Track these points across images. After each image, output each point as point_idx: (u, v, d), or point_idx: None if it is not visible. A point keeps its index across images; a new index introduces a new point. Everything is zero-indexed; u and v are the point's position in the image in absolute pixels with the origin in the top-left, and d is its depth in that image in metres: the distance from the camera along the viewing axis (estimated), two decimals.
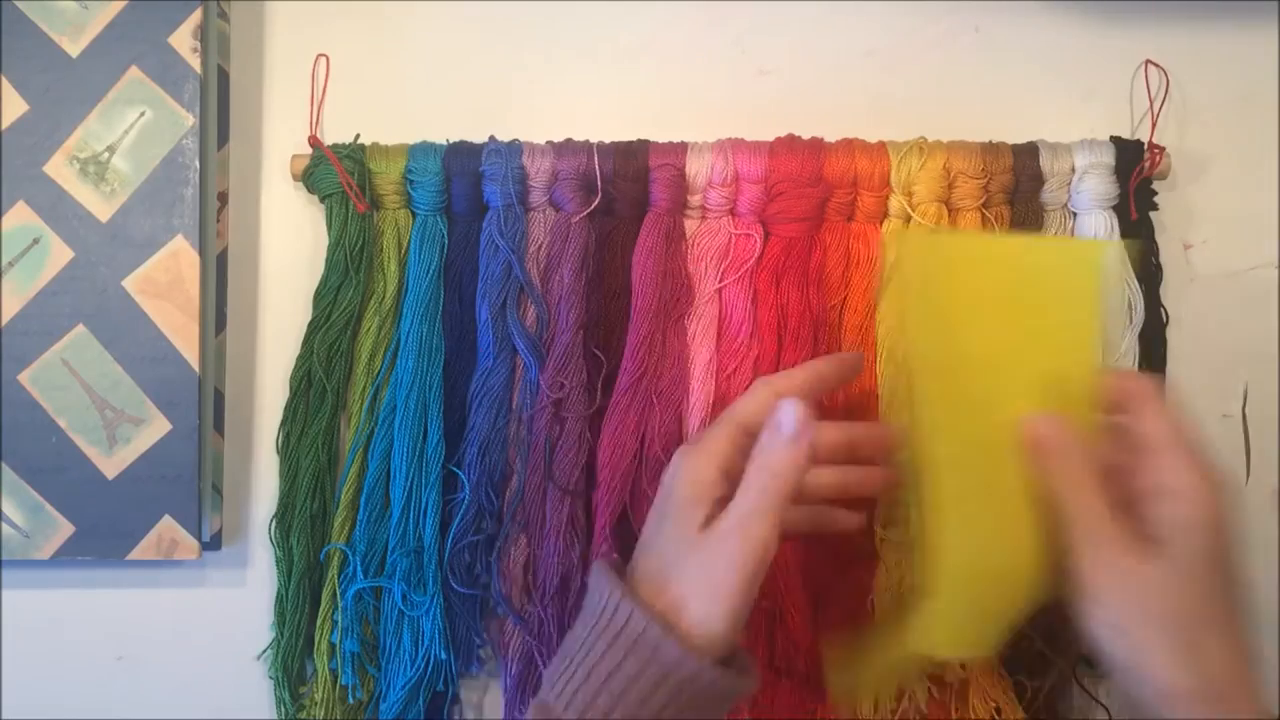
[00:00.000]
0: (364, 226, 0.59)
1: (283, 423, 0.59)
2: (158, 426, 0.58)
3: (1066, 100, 0.63)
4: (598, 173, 0.59)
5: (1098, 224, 0.60)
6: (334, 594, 0.58)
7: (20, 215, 0.58)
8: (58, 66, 0.57)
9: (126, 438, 0.58)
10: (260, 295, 0.62)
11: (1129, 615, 0.45)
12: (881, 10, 0.63)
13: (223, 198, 0.62)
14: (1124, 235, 0.60)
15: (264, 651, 0.61)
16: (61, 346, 0.58)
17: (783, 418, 0.49)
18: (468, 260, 0.60)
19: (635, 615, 0.46)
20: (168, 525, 0.58)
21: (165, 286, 0.58)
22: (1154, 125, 0.61)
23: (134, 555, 0.58)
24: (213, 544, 0.60)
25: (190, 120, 0.58)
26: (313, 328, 0.59)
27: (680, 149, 0.59)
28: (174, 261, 0.58)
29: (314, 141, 0.60)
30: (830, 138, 0.61)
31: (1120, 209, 0.60)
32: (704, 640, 0.46)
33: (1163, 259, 0.61)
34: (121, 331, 0.58)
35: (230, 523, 0.62)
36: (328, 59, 0.62)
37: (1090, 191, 0.59)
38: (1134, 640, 0.44)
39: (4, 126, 0.57)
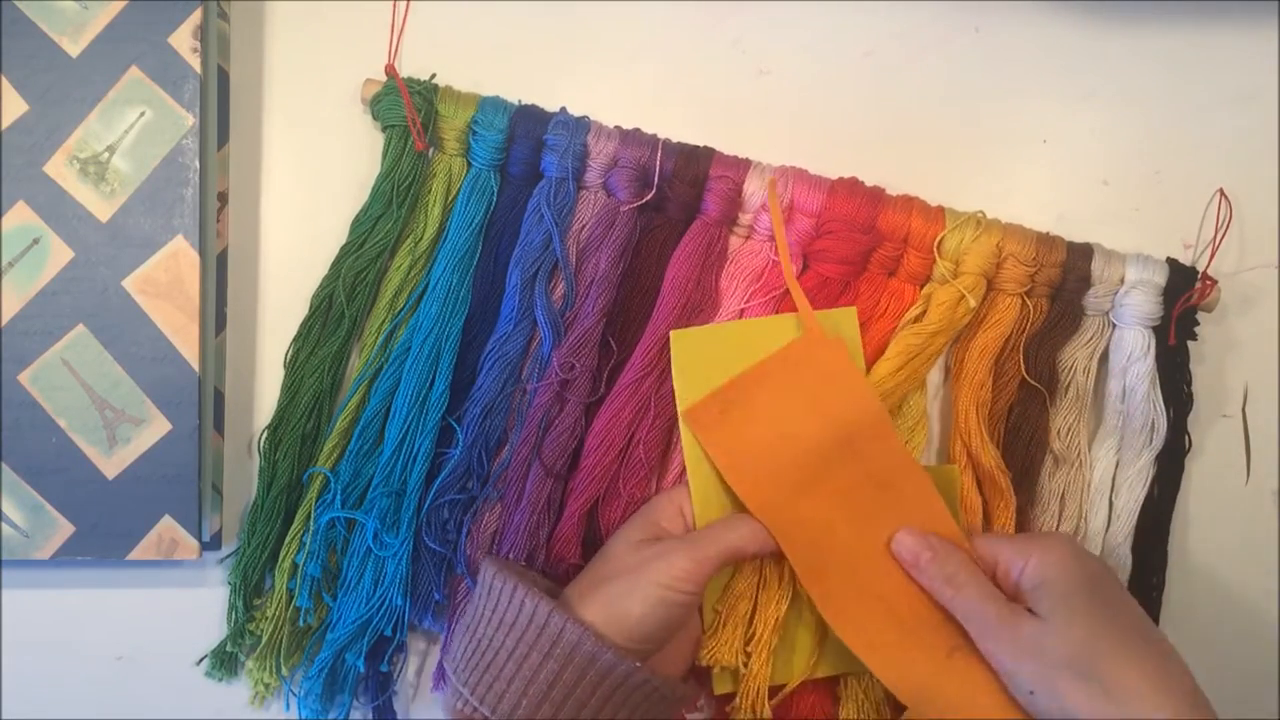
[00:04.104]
0: (417, 164, 0.60)
1: (295, 338, 0.60)
2: (158, 426, 0.58)
3: (1066, 101, 0.63)
4: (657, 169, 0.59)
5: (1135, 341, 0.59)
6: (308, 516, 0.59)
7: (20, 215, 0.58)
8: (58, 66, 0.57)
9: (126, 438, 0.58)
10: (260, 295, 0.62)
11: (1035, 676, 0.49)
12: (881, 10, 0.63)
13: (223, 198, 0.62)
14: (1159, 359, 0.59)
15: (227, 556, 0.61)
16: (61, 346, 0.58)
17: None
18: (510, 223, 0.60)
19: (569, 627, 0.49)
20: (168, 525, 0.58)
21: (165, 286, 0.58)
22: (1213, 255, 0.61)
23: (134, 555, 0.58)
24: (213, 544, 0.60)
25: (190, 120, 0.58)
26: (344, 252, 0.60)
27: (743, 165, 0.59)
28: (174, 261, 0.58)
29: (390, 70, 0.60)
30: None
31: (1160, 331, 0.59)
32: (625, 642, 0.50)
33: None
34: (121, 331, 0.58)
35: (230, 523, 0.62)
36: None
37: (1134, 307, 0.59)
38: (1050, 695, 0.48)
39: (4, 126, 0.57)
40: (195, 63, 0.58)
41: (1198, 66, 0.63)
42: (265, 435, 0.60)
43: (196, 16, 0.58)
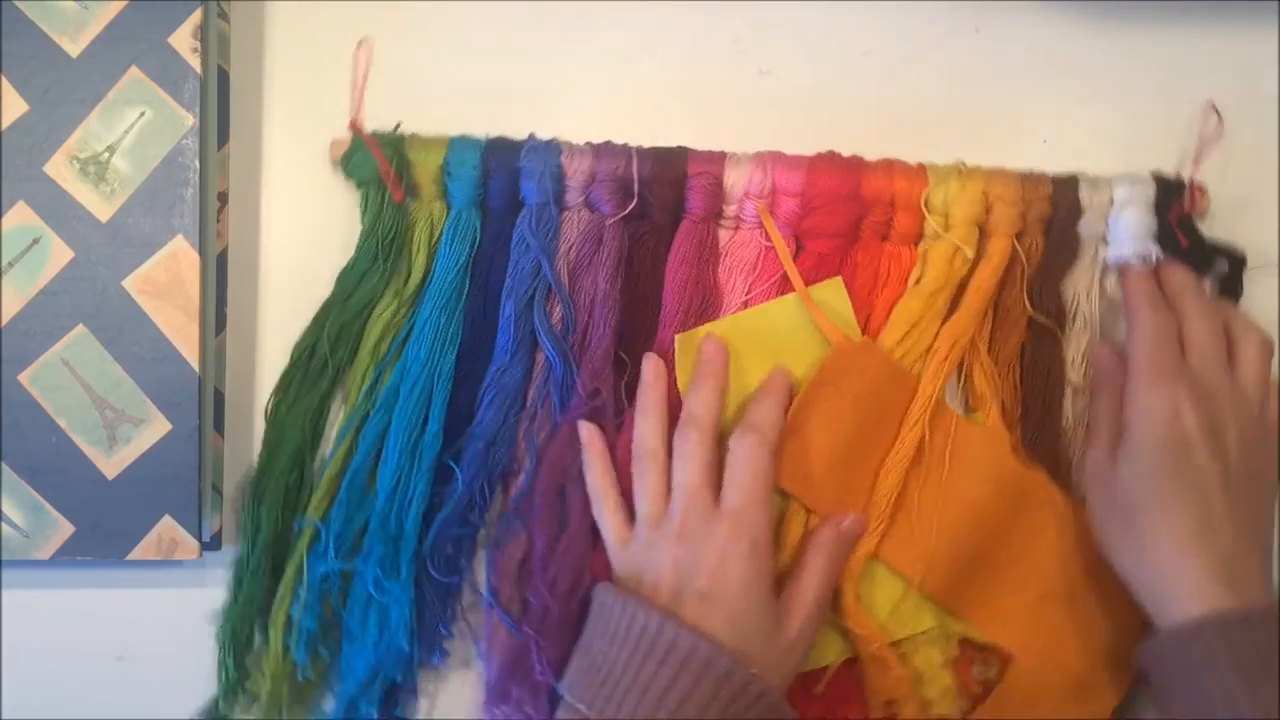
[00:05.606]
0: (398, 216, 0.59)
1: (275, 390, 0.59)
2: (158, 426, 0.58)
3: (1068, 100, 0.63)
4: (635, 177, 0.59)
5: (1134, 255, 0.59)
6: (300, 568, 0.58)
7: (20, 215, 0.58)
8: (58, 66, 0.57)
9: (126, 438, 0.58)
10: (260, 295, 0.62)
11: (1098, 509, 0.55)
12: (881, 10, 0.63)
13: (223, 198, 0.62)
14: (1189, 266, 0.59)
15: (220, 621, 0.60)
16: (61, 346, 0.58)
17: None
18: (498, 256, 0.60)
19: (682, 635, 0.49)
20: (168, 525, 0.58)
21: (165, 286, 0.58)
22: (1197, 164, 0.61)
23: (134, 555, 0.58)
24: (213, 544, 0.60)
25: (190, 120, 0.58)
26: (328, 304, 0.59)
27: (719, 158, 0.59)
28: (174, 261, 0.58)
29: (355, 127, 0.60)
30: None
31: (1161, 242, 0.59)
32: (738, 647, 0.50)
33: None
34: (121, 331, 0.58)
35: (230, 523, 0.62)
36: (369, 45, 0.61)
37: (1128, 225, 0.59)
38: (1103, 531, 0.54)
39: (4, 126, 0.57)
40: (195, 63, 0.58)
41: (1198, 66, 0.63)
42: (247, 489, 0.59)
43: (196, 16, 0.58)
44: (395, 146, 0.59)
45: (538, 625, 0.57)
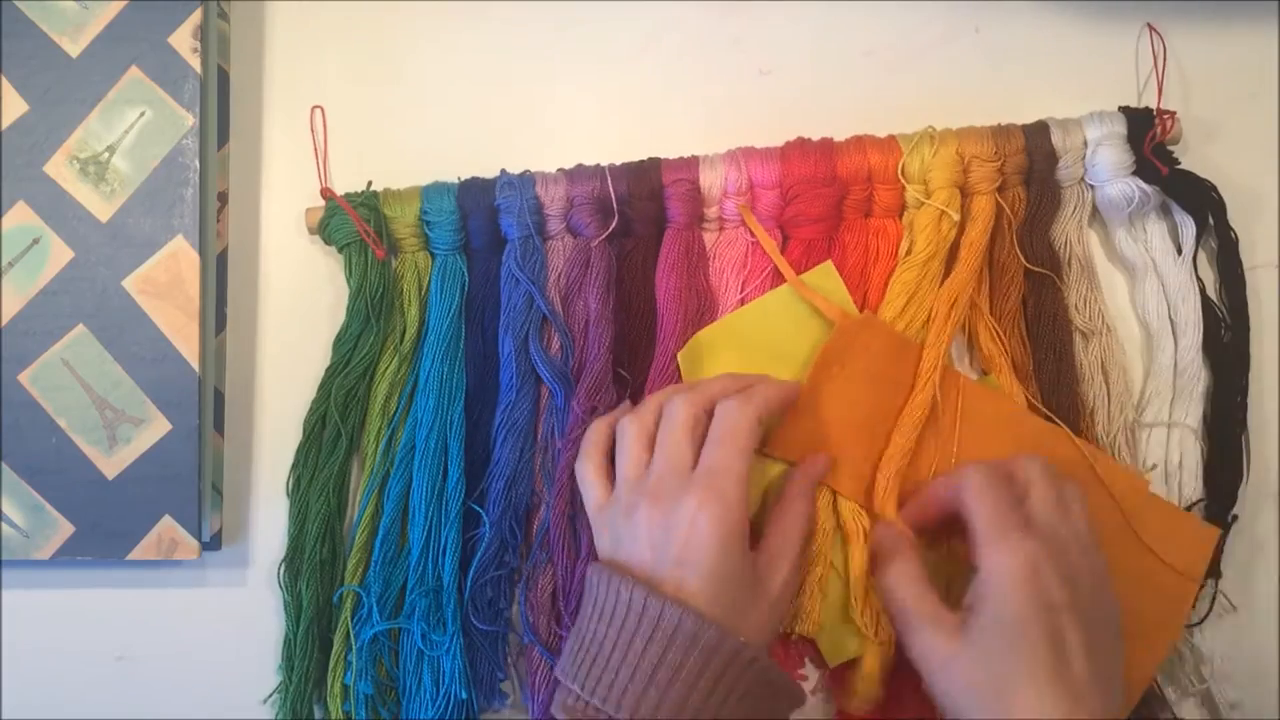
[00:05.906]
0: (384, 273, 0.59)
1: (294, 466, 0.59)
2: (158, 426, 0.58)
3: (1067, 101, 0.63)
4: (612, 195, 0.59)
5: (1124, 191, 0.59)
6: (347, 636, 0.58)
7: (20, 215, 0.58)
8: (58, 66, 0.57)
9: (126, 438, 0.58)
10: (260, 295, 0.62)
11: (948, 690, 0.49)
12: (881, 10, 0.63)
13: (223, 198, 0.62)
14: (1166, 190, 0.59)
15: (270, 695, 0.60)
16: (61, 346, 0.58)
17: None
18: (490, 295, 0.60)
19: (668, 609, 0.49)
20: (168, 525, 0.58)
21: (165, 286, 0.58)
22: (1160, 91, 0.61)
23: (134, 555, 0.58)
24: (213, 544, 0.60)
25: (190, 120, 0.58)
26: (331, 373, 0.59)
27: (692, 163, 0.59)
28: (174, 261, 0.58)
29: (327, 193, 0.60)
30: (833, 138, 0.61)
31: (1141, 175, 0.59)
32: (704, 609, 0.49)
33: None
34: (121, 331, 0.58)
35: (230, 523, 0.62)
36: (324, 110, 0.62)
37: (1106, 163, 0.59)
38: (959, 712, 0.49)
39: (4, 126, 0.57)
40: (195, 63, 0.58)
41: (1198, 66, 0.63)
42: (282, 568, 0.59)
43: (196, 16, 0.58)
44: (370, 205, 0.59)
45: None
